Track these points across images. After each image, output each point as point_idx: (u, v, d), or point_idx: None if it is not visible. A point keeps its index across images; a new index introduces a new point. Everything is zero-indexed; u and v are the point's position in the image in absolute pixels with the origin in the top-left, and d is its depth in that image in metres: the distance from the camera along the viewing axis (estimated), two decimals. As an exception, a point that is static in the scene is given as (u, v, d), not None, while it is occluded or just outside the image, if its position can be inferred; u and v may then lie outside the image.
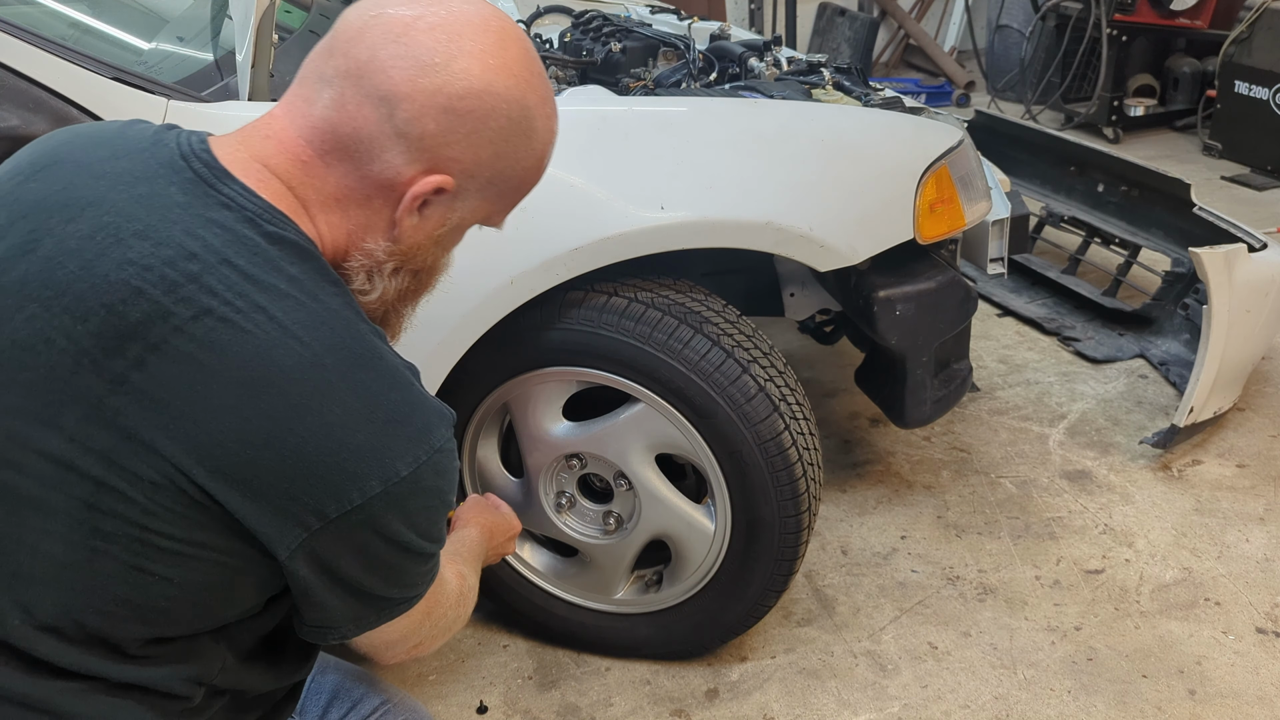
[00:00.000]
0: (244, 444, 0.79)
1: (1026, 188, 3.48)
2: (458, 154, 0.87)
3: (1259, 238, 2.61)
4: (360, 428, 0.81)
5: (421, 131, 0.85)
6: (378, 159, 0.86)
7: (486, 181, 0.91)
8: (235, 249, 0.82)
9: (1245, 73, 4.47)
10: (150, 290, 0.79)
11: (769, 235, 1.67)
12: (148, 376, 0.79)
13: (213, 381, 0.79)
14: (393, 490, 0.83)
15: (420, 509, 0.86)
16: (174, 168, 0.86)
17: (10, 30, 1.41)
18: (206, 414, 0.79)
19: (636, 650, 1.93)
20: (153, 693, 0.86)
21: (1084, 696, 1.85)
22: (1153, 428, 2.62)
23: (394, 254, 0.91)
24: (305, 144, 0.87)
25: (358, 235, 0.89)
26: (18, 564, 0.81)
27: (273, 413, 0.79)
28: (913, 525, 2.31)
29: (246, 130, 0.90)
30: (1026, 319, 3.22)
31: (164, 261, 0.80)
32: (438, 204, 0.90)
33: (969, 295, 1.96)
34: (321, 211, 0.88)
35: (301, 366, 0.80)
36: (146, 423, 0.79)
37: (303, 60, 0.90)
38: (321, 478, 0.80)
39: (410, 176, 0.87)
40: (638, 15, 2.85)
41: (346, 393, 0.81)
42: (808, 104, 1.95)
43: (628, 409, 1.71)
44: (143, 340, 0.79)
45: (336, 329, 0.83)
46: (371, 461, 0.82)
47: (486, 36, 0.86)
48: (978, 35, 6.01)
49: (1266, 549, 2.20)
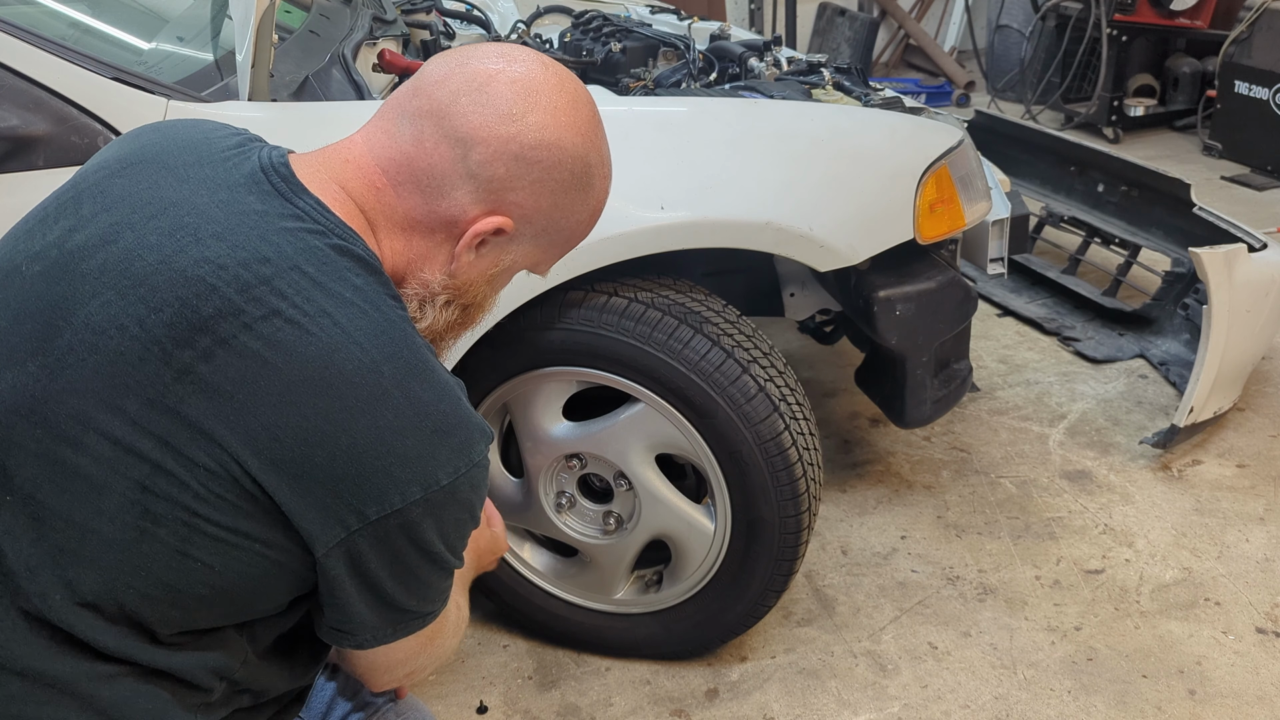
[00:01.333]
0: (299, 440, 0.83)
1: (1026, 188, 3.48)
2: (520, 199, 0.94)
3: (1259, 238, 2.61)
4: (409, 434, 0.85)
5: (492, 174, 0.92)
6: (447, 195, 0.92)
7: (541, 229, 0.98)
8: (305, 257, 0.87)
9: (1245, 73, 4.47)
10: (224, 288, 0.84)
11: (769, 235, 1.67)
12: (214, 369, 0.82)
13: (276, 378, 0.83)
14: (432, 498, 0.86)
15: (452, 520, 0.90)
16: (254, 179, 0.91)
17: (10, 30, 1.41)
18: (266, 408, 0.82)
19: (636, 650, 1.93)
20: (178, 682, 0.89)
21: (1084, 696, 1.85)
22: (1153, 428, 2.62)
23: (448, 287, 0.97)
24: (381, 172, 0.93)
25: (416, 264, 0.95)
26: (66, 540, 0.84)
27: (329, 412, 0.83)
28: (913, 525, 2.31)
29: (326, 152, 0.96)
30: (1026, 319, 3.22)
31: (239, 263, 0.85)
32: (495, 244, 0.97)
33: (969, 295, 1.96)
34: (387, 235, 0.94)
35: (360, 371, 0.84)
36: (208, 412, 0.82)
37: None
38: (368, 479, 0.84)
39: (474, 215, 0.93)
40: (638, 15, 2.85)
41: (400, 400, 0.85)
42: (808, 104, 1.96)
43: (628, 409, 1.71)
44: (212, 334, 0.83)
45: (395, 339, 0.87)
46: (416, 468, 0.85)
47: (561, 96, 0.94)
48: (978, 35, 6.01)
49: (1266, 549, 2.20)
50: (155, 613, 0.86)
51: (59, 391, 0.83)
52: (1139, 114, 5.10)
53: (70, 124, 1.42)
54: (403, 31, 2.30)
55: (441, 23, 2.55)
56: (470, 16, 2.70)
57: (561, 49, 2.54)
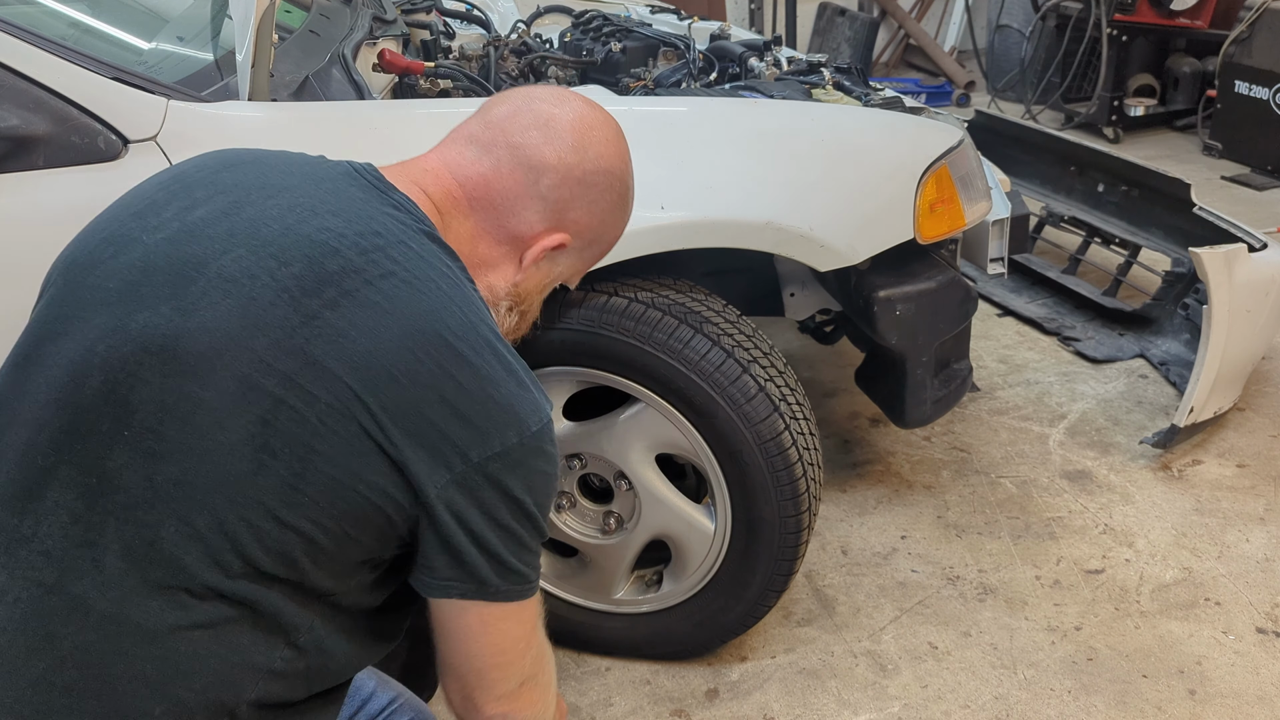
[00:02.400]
0: (412, 382, 0.91)
1: (1026, 188, 3.48)
2: (578, 217, 1.11)
3: (1259, 238, 2.61)
4: (502, 384, 0.96)
5: (559, 196, 1.09)
6: (518, 214, 1.08)
7: (589, 242, 1.15)
8: (408, 236, 0.99)
9: (1245, 73, 4.47)
10: (345, 250, 0.94)
11: (769, 235, 1.67)
12: (339, 315, 0.91)
13: (394, 327, 0.92)
14: (526, 442, 0.95)
15: (538, 473, 0.98)
16: (350, 177, 1.03)
17: (10, 30, 1.41)
18: (385, 353, 0.91)
19: (636, 650, 1.93)
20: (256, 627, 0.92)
21: (1084, 696, 1.85)
22: (1153, 428, 2.62)
23: (512, 294, 1.12)
24: (459, 185, 1.07)
25: (482, 269, 1.09)
26: (184, 472, 0.89)
27: (440, 359, 0.93)
28: (913, 525, 2.31)
29: (407, 164, 1.09)
30: (1026, 319, 3.22)
31: (356, 233, 0.96)
32: (552, 257, 1.12)
33: (969, 295, 1.96)
34: (455, 238, 1.06)
35: (463, 327, 0.95)
36: (332, 353, 0.90)
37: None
38: (471, 422, 0.93)
39: (539, 231, 1.09)
40: (638, 15, 2.85)
41: (491, 356, 0.96)
42: (808, 104, 1.95)
43: (628, 409, 1.71)
44: (337, 286, 0.92)
45: (481, 311, 1.00)
46: (510, 414, 0.95)
47: (609, 130, 1.14)
48: (978, 35, 6.01)
49: (1266, 549, 2.20)
50: (259, 545, 0.90)
51: (192, 330, 0.90)
52: (1139, 114, 5.10)
53: (70, 124, 1.42)
54: (403, 31, 2.30)
55: (441, 22, 2.55)
56: (470, 16, 2.70)
57: (561, 49, 2.54)
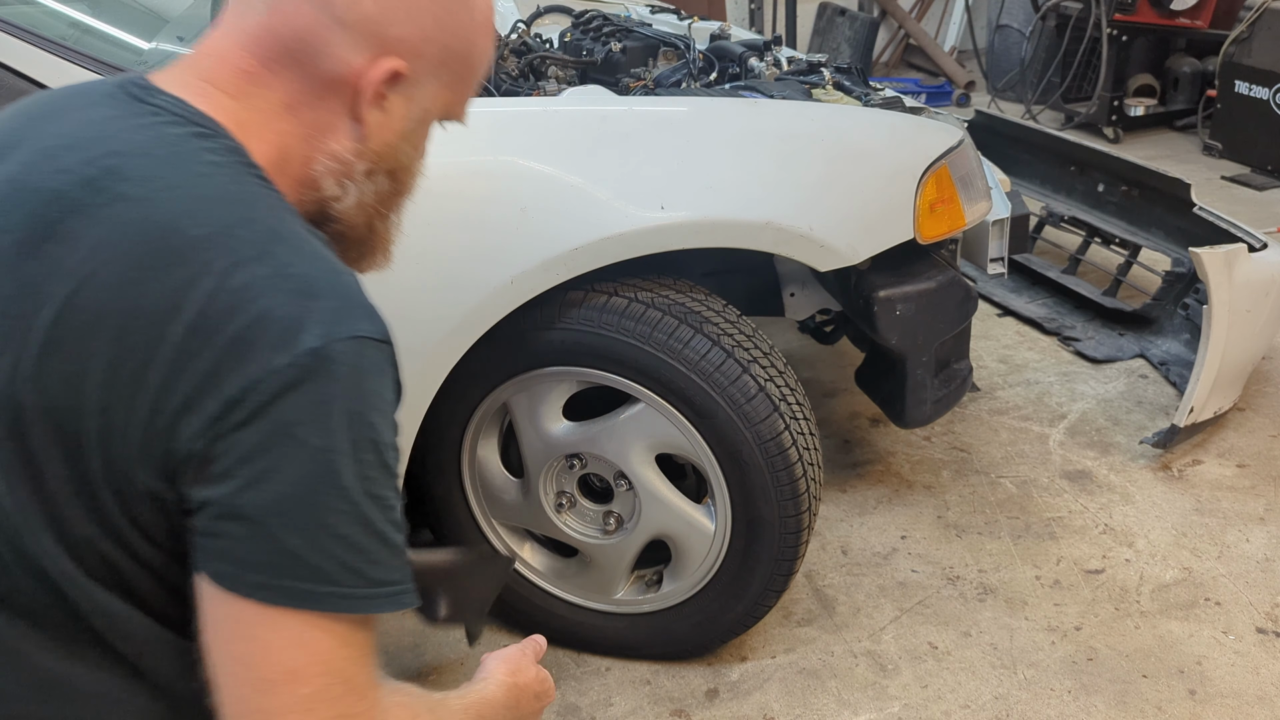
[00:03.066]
0: (155, 319, 0.77)
1: (1026, 188, 3.48)
2: (402, 32, 0.87)
3: (1259, 238, 2.61)
4: (265, 295, 0.78)
5: (361, 14, 0.86)
6: (324, 54, 0.86)
7: (438, 61, 0.91)
8: (157, 144, 0.84)
9: (1245, 72, 4.47)
10: (70, 190, 0.81)
11: (769, 235, 1.67)
12: (54, 267, 0.79)
13: (122, 259, 0.79)
14: (301, 366, 0.76)
15: (342, 413, 0.78)
16: (108, 94, 0.89)
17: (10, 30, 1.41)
18: (114, 292, 0.78)
19: (636, 650, 1.93)
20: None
21: (1084, 696, 1.85)
22: (1153, 428, 2.62)
23: (363, 154, 0.91)
24: (247, 54, 0.87)
25: (316, 139, 0.90)
26: None
27: (180, 280, 0.78)
28: (913, 525, 2.31)
29: (190, 55, 0.91)
30: (1026, 319, 3.22)
31: (84, 161, 0.82)
32: (397, 94, 0.90)
33: (969, 295, 1.96)
34: (273, 120, 0.88)
35: (209, 234, 0.80)
36: (53, 275, 0.79)
37: None
38: (226, 349, 0.76)
39: (359, 66, 0.87)
40: (638, 15, 2.85)
41: (254, 262, 0.79)
42: (808, 104, 1.95)
43: (628, 409, 1.71)
44: (55, 237, 0.80)
45: (254, 205, 0.83)
46: (274, 330, 0.77)
47: None
48: (978, 35, 6.01)
49: (1266, 549, 2.20)
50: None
51: None
52: (1139, 114, 5.11)
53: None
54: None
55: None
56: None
57: (561, 49, 2.54)
